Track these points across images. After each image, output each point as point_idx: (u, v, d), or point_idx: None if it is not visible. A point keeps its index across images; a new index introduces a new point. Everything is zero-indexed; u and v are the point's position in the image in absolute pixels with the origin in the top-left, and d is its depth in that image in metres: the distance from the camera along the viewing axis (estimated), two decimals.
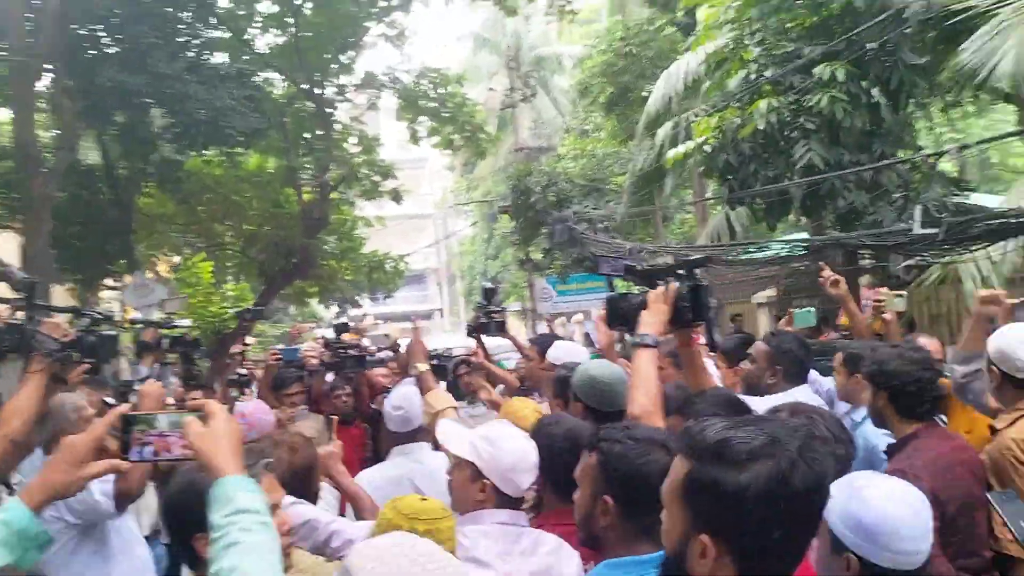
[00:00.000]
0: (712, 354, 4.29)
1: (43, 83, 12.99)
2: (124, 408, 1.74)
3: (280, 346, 5.56)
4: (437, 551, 1.48)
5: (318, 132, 17.82)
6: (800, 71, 8.52)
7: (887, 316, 4.42)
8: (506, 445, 2.44)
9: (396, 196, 18.54)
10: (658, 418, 2.46)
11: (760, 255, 11.71)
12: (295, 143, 17.64)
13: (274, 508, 1.98)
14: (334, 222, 18.88)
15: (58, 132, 12.94)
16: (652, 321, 2.68)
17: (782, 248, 11.09)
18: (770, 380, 3.69)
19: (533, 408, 3.49)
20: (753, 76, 8.93)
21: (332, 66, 17.44)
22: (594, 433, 2.14)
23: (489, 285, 6.15)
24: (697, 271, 2.78)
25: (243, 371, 5.71)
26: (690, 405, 2.64)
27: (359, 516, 3.23)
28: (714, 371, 4.03)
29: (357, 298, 27.17)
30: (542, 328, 31.92)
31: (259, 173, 17.95)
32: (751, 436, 1.31)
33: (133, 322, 5.03)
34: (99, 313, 3.39)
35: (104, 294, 18.91)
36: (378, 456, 5.70)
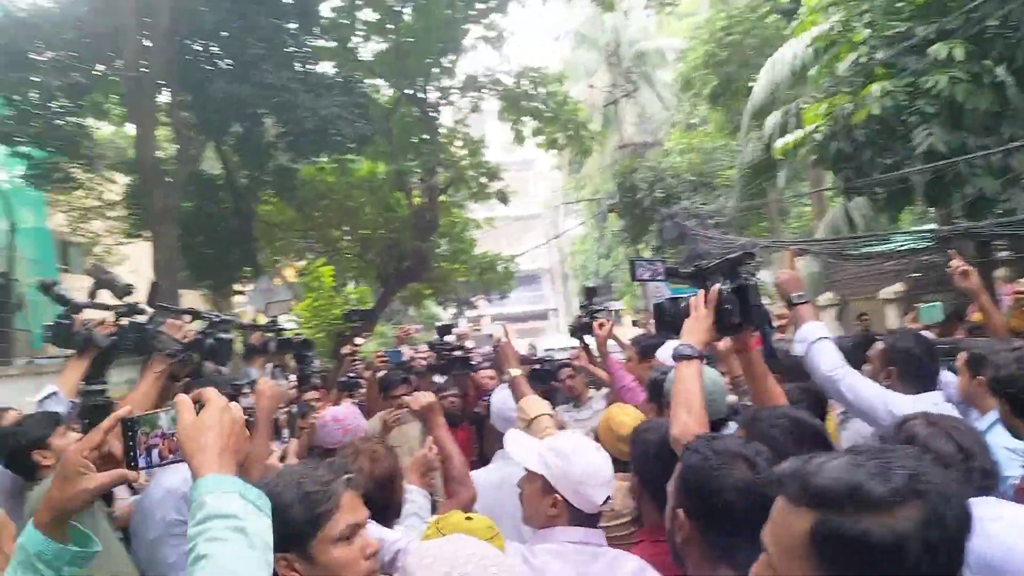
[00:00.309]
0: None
1: (163, 99, 13.74)
2: (123, 412, 1.57)
3: (385, 348, 5.60)
4: (496, 553, 1.45)
5: (424, 136, 18.21)
6: (914, 52, 8.06)
7: None
8: (576, 458, 2.26)
9: (503, 197, 18.70)
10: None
11: (881, 248, 11.14)
12: (402, 148, 18.05)
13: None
14: (444, 225, 19.23)
15: (178, 146, 13.58)
16: (694, 328, 2.46)
17: (906, 240, 10.53)
18: (884, 382, 3.26)
19: (634, 416, 3.36)
20: (864, 59, 8.51)
21: (434, 70, 17.77)
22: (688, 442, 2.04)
23: (590, 284, 6.06)
24: (743, 268, 2.48)
25: (352, 373, 5.80)
26: (754, 423, 2.31)
27: (446, 479, 3.26)
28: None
29: (473, 299, 27.50)
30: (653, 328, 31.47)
31: (371, 179, 18.44)
32: (886, 474, 1.11)
33: (240, 326, 5.18)
34: (216, 315, 3.51)
35: (234, 299, 19.88)
36: (484, 459, 5.74)
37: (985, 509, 1.64)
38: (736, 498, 1.57)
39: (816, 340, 3.05)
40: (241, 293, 18.17)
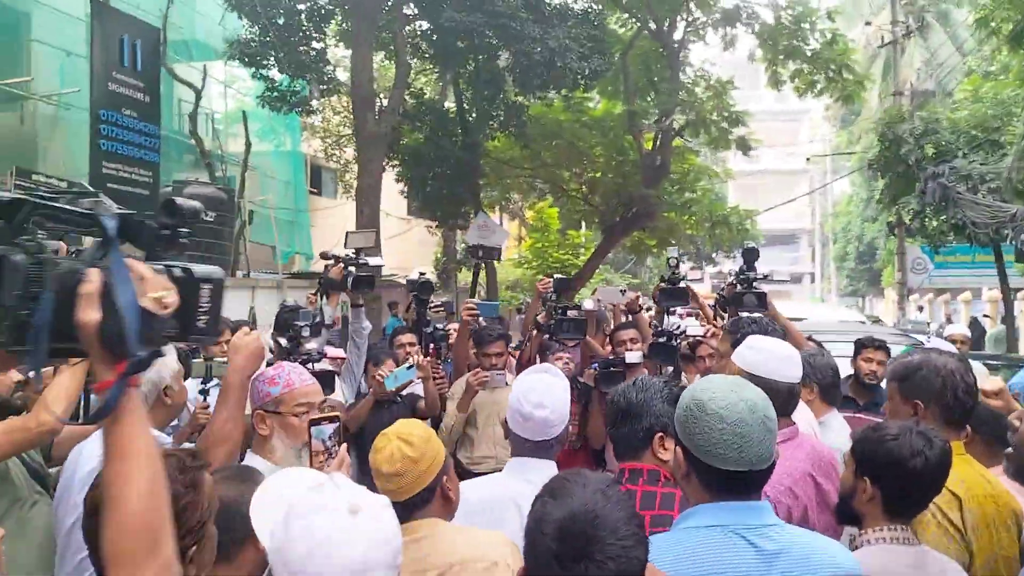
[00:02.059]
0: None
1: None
2: None
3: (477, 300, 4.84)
4: None
5: (665, 75, 16.96)
6: None
7: None
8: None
9: (744, 145, 17.03)
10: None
11: None
12: (640, 87, 16.94)
13: None
14: (678, 172, 17.98)
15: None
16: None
17: None
18: None
19: (422, 438, 2.23)
20: None
21: (689, 3, 16.38)
22: None
23: (751, 245, 4.85)
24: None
25: (440, 325, 5.12)
26: None
27: None
28: None
29: (714, 255, 26.03)
30: (912, 305, 27.96)
31: (604, 119, 17.55)
32: None
33: (323, 256, 4.66)
34: None
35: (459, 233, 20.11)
36: (586, 441, 4.87)
37: None
38: None
39: None
40: (464, 228, 18.24)
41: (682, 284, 4.58)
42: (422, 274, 5.63)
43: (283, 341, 4.16)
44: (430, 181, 16.60)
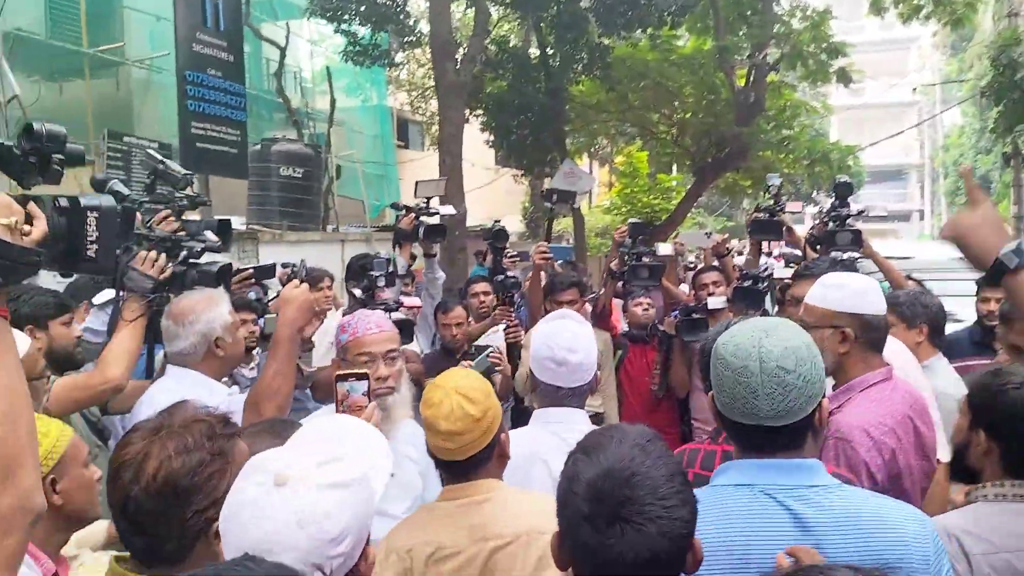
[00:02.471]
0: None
1: None
2: None
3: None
4: None
5: (757, 6, 16.14)
6: None
7: None
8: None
9: (844, 78, 16.13)
10: None
11: None
12: (731, 21, 16.19)
13: None
14: (773, 108, 17.19)
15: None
16: None
17: None
18: None
19: (482, 393, 2.08)
20: None
21: None
22: None
23: (844, 180, 4.51)
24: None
25: (514, 273, 4.96)
26: None
27: None
28: None
29: (814, 194, 25.08)
30: None
31: (693, 56, 16.89)
32: None
33: (395, 206, 4.60)
34: (201, 241, 2.88)
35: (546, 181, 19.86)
36: (669, 390, 4.69)
37: None
38: None
39: None
40: (551, 175, 18.01)
41: (779, 217, 4.32)
42: (496, 222, 5.52)
43: (357, 291, 4.13)
44: (514, 129, 16.41)
